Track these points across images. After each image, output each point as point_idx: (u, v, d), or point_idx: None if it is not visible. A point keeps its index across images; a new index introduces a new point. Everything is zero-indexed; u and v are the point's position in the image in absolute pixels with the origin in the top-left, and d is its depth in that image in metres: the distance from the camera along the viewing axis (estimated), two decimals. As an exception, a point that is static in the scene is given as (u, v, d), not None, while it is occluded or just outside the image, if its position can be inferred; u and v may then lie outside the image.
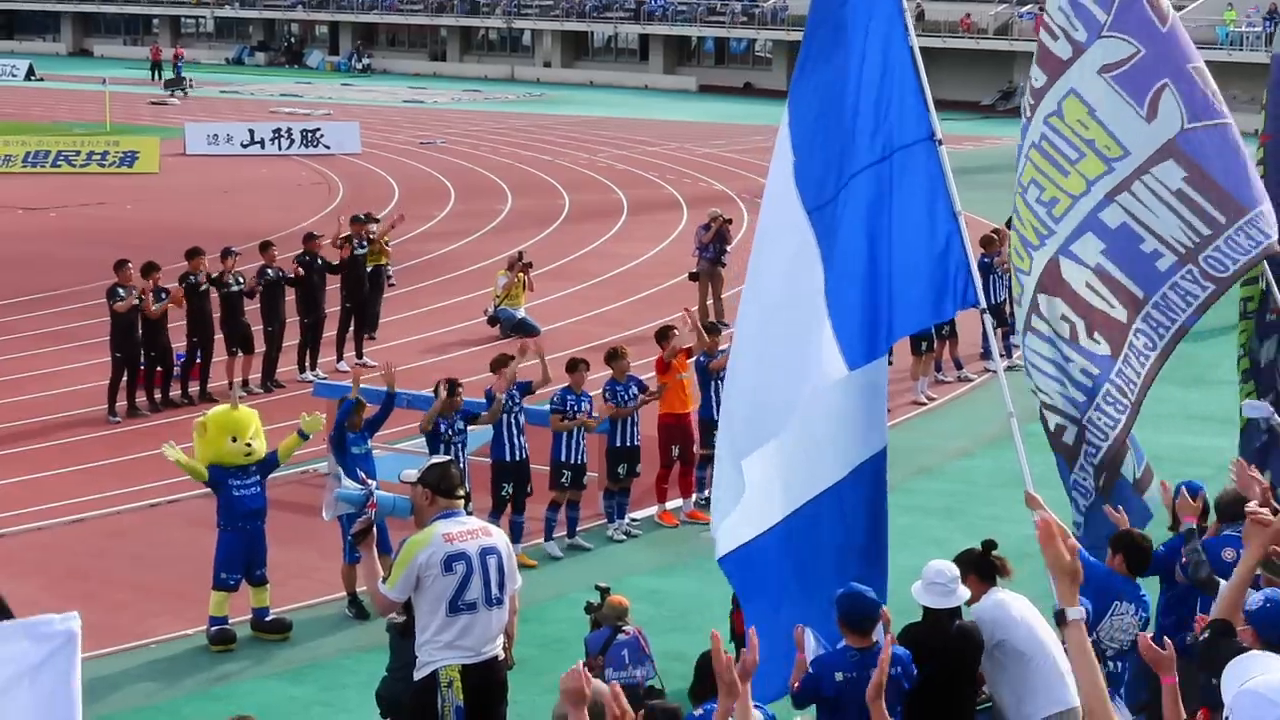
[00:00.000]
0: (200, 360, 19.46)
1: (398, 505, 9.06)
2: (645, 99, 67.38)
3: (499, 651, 8.72)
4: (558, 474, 14.58)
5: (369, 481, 9.23)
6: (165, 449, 12.66)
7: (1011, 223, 10.69)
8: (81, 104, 57.70)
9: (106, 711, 11.26)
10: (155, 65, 70.63)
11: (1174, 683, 5.73)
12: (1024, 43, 57.83)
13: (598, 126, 54.65)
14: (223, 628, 12.50)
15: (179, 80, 65.46)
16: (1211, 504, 9.72)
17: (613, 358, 15.13)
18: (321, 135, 46.94)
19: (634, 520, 15.22)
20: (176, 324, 19.23)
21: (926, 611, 8.51)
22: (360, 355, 20.99)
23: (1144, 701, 8.57)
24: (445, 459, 9.61)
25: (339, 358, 20.84)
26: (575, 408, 14.57)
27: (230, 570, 12.50)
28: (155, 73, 69.61)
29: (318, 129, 47.58)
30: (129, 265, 18.81)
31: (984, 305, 9.79)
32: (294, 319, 20.26)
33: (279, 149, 46.13)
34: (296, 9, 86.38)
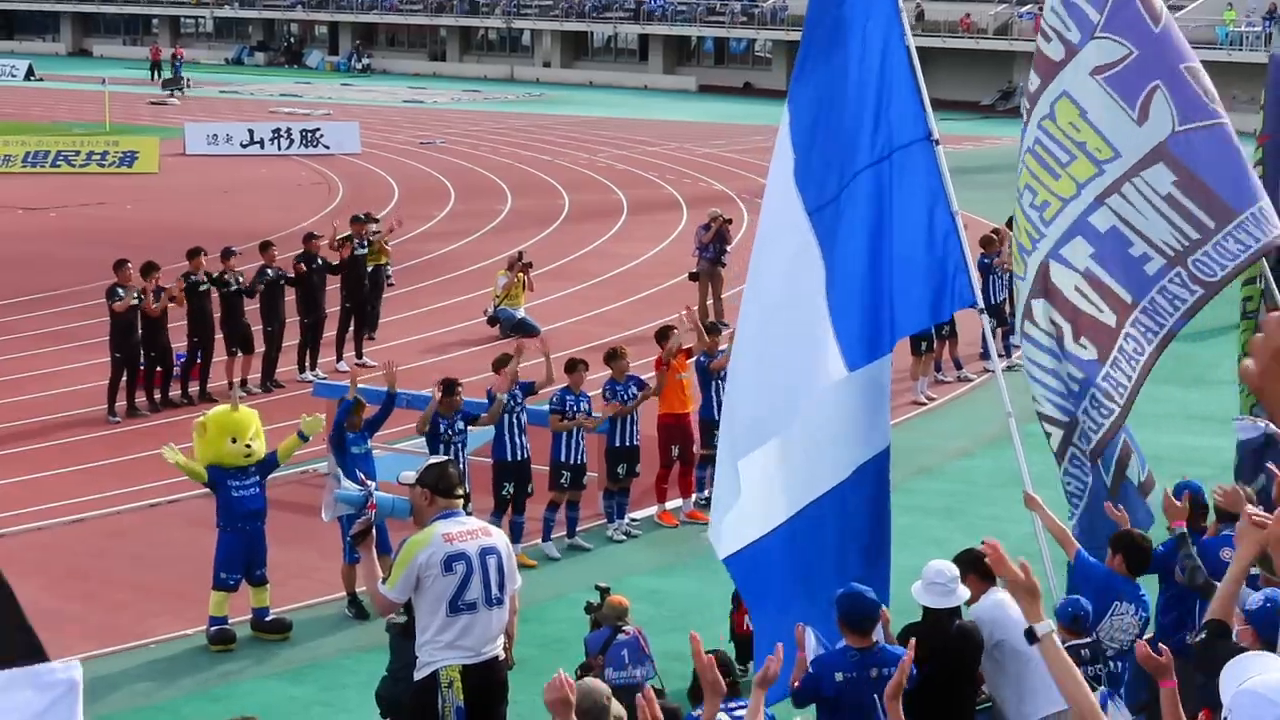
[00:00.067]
0: (200, 360, 19.47)
1: (397, 506, 9.06)
2: (645, 99, 67.37)
3: (499, 652, 8.72)
4: (557, 474, 14.57)
5: (368, 482, 9.23)
6: (165, 451, 12.67)
7: (1013, 226, 10.71)
8: (81, 104, 57.69)
9: (106, 711, 11.26)
10: (155, 65, 70.58)
11: (1173, 687, 5.74)
12: (1024, 43, 57.82)
13: (597, 126, 54.64)
14: (222, 628, 12.50)
15: (177, 80, 65.45)
16: (1211, 504, 9.73)
17: (612, 358, 15.13)
18: (321, 135, 46.93)
19: (634, 520, 15.22)
20: (177, 324, 19.22)
21: (926, 611, 8.52)
22: (360, 355, 20.99)
23: (1144, 701, 8.57)
24: (443, 459, 9.61)
25: (339, 358, 20.84)
26: (574, 408, 14.57)
27: (230, 570, 12.50)
28: (155, 73, 69.57)
29: (317, 129, 47.57)
30: (128, 265, 18.81)
31: (981, 305, 9.81)
32: (294, 319, 20.26)
33: (279, 149, 46.12)
34: (296, 9, 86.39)
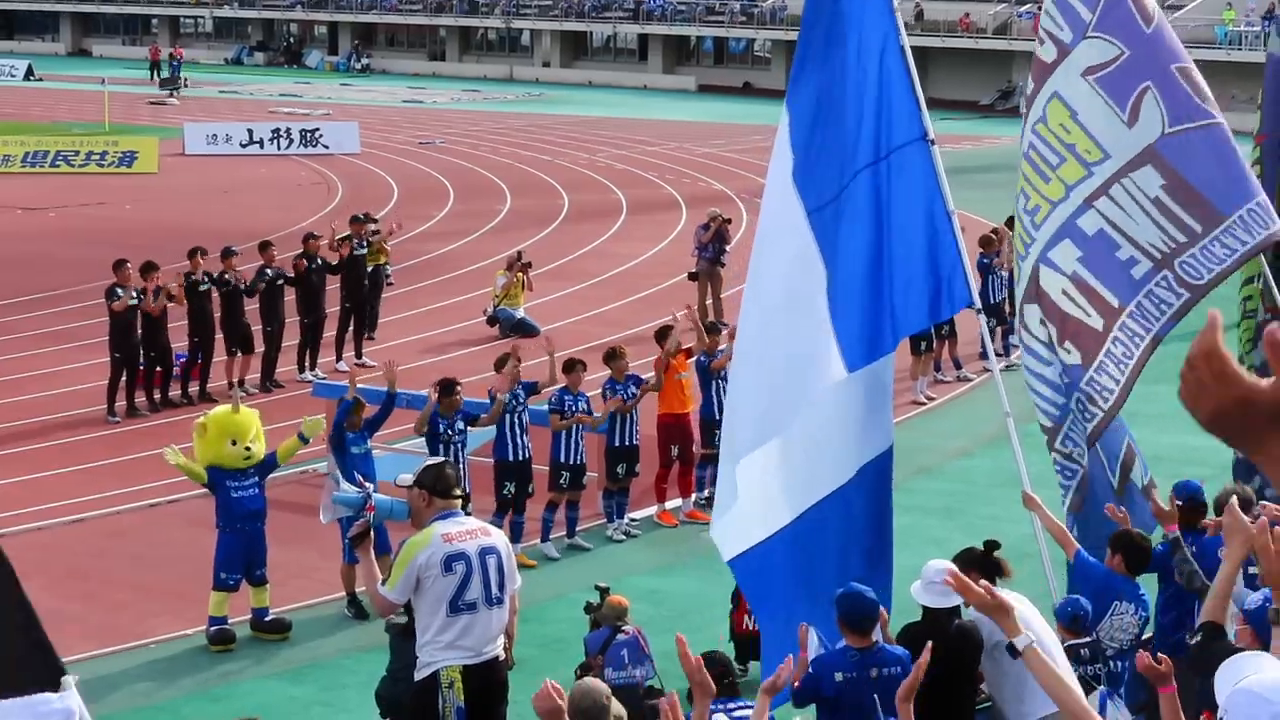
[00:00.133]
0: (200, 360, 19.47)
1: (395, 508, 9.06)
2: (644, 99, 67.35)
3: (500, 652, 8.72)
4: (557, 475, 14.57)
5: (366, 484, 9.23)
6: (166, 452, 12.67)
7: (1014, 229, 10.73)
8: (81, 104, 57.66)
9: (106, 711, 11.25)
10: (154, 65, 70.48)
11: (1173, 692, 5.75)
12: (1023, 42, 57.76)
13: (597, 126, 54.63)
14: (222, 628, 12.50)
15: (174, 79, 65.43)
16: (1211, 503, 9.73)
17: (611, 358, 15.13)
18: (321, 135, 46.92)
19: (633, 520, 15.22)
20: (177, 324, 19.23)
21: (926, 611, 8.52)
22: (360, 355, 20.99)
23: (1144, 701, 8.57)
24: (440, 460, 9.62)
25: (338, 358, 20.84)
26: (572, 408, 14.56)
27: (230, 570, 12.51)
28: (154, 73, 69.50)
29: (317, 129, 47.56)
30: (128, 265, 18.80)
31: (979, 306, 9.82)
32: (294, 319, 20.26)
33: (278, 149, 46.10)
34: (295, 9, 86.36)
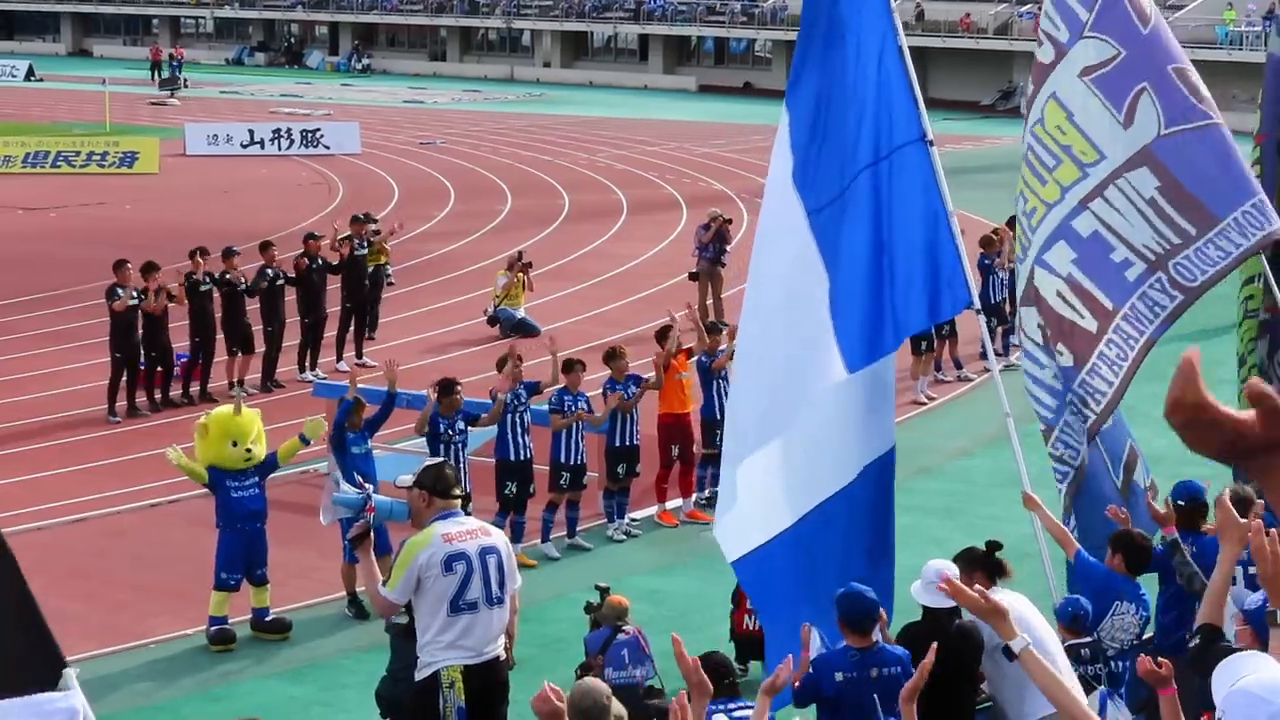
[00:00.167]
0: (201, 360, 19.46)
1: (395, 509, 9.06)
2: (645, 99, 67.35)
3: (500, 652, 8.72)
4: (557, 475, 14.57)
5: (366, 485, 9.22)
6: (169, 452, 12.67)
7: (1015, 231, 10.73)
8: (81, 104, 57.67)
9: (106, 711, 11.24)
10: (155, 65, 70.47)
11: (1173, 694, 5.75)
12: (1024, 42, 57.77)
13: (597, 126, 54.64)
14: (222, 628, 12.50)
15: (174, 79, 65.43)
16: (1213, 505, 9.73)
17: (611, 358, 15.12)
18: (321, 135, 46.92)
19: (634, 520, 15.21)
20: (178, 324, 19.24)
21: (926, 611, 8.51)
22: (360, 355, 20.99)
23: (1144, 701, 8.57)
24: (439, 460, 9.62)
25: (339, 358, 20.84)
26: (571, 408, 14.55)
27: (230, 570, 12.50)
28: (155, 73, 69.51)
29: (317, 129, 47.56)
30: (128, 265, 18.81)
31: (978, 306, 9.81)
32: (294, 319, 20.26)
33: (279, 149, 46.11)
34: (296, 9, 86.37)
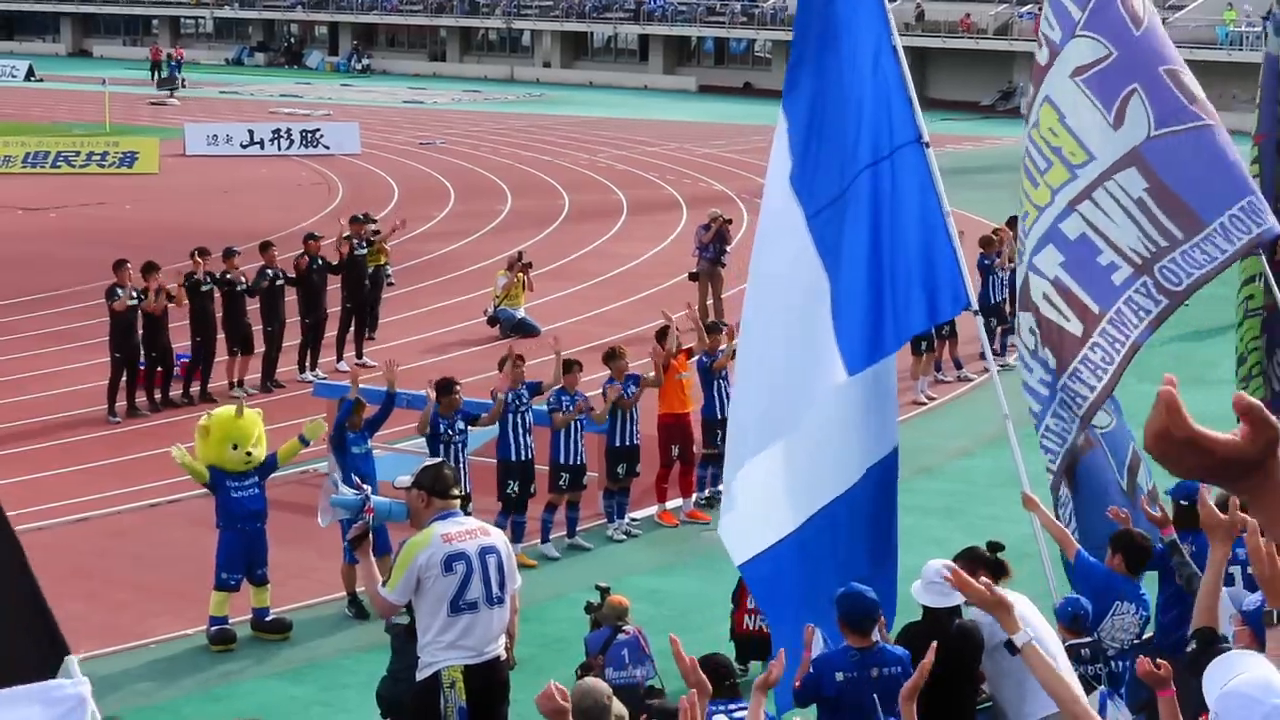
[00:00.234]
0: (202, 361, 19.46)
1: (394, 510, 9.06)
2: (645, 99, 67.35)
3: (501, 651, 8.73)
4: (556, 475, 14.57)
5: (364, 486, 9.22)
6: (173, 451, 12.68)
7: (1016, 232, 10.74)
8: (81, 104, 57.67)
9: (106, 712, 11.14)
10: (155, 66, 70.42)
11: (1172, 695, 5.75)
12: (1024, 43, 57.78)
13: (597, 127, 54.64)
14: (223, 628, 12.50)
15: (172, 80, 65.40)
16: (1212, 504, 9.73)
17: (611, 358, 15.13)
18: (321, 136, 46.92)
19: (634, 520, 15.22)
20: (179, 324, 19.24)
21: (926, 611, 8.52)
22: (360, 355, 20.99)
23: (1144, 701, 8.57)
24: (438, 461, 9.62)
25: (339, 358, 20.85)
26: (570, 408, 14.55)
27: (231, 570, 12.51)
28: (155, 73, 69.49)
29: (317, 129, 47.56)
30: (128, 265, 18.81)
31: (976, 307, 9.81)
32: (294, 319, 20.27)
33: (279, 149, 46.10)
34: (296, 9, 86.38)
